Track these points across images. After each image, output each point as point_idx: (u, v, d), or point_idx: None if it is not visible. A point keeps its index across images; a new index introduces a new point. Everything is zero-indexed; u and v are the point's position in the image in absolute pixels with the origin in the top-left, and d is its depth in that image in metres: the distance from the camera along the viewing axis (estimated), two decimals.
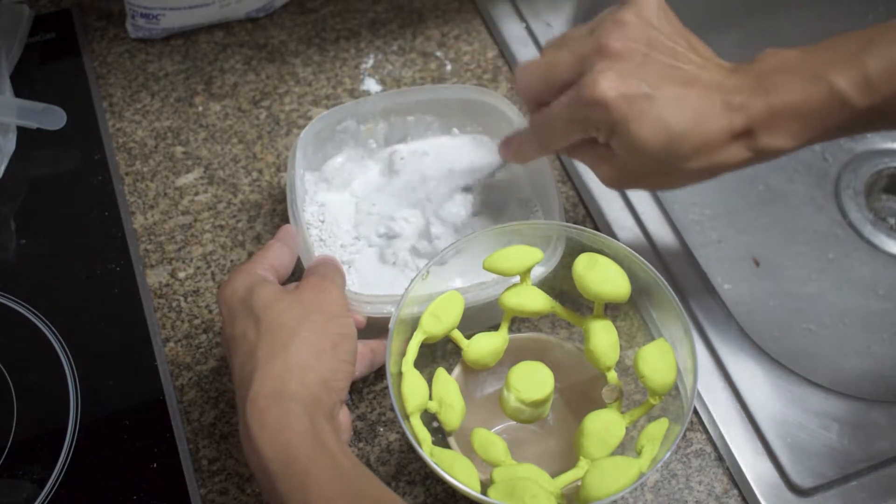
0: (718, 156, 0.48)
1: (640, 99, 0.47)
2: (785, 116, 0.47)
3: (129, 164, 0.67)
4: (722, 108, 0.47)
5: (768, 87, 0.47)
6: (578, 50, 0.49)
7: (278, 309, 0.47)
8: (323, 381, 0.45)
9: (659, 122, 0.47)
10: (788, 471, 0.54)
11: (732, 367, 0.58)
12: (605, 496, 0.45)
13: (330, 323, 0.47)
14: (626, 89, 0.47)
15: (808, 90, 0.47)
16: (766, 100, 0.47)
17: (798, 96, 0.47)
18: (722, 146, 0.48)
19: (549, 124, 0.51)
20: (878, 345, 0.72)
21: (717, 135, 0.47)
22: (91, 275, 0.61)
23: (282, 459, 0.42)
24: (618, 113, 0.47)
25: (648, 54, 0.48)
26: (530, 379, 0.49)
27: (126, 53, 0.74)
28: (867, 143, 0.83)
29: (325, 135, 0.61)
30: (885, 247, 0.77)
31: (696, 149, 0.47)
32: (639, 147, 0.48)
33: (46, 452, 0.54)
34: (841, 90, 0.47)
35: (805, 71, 0.47)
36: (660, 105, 0.47)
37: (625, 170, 0.50)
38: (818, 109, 0.47)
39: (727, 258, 0.76)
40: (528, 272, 0.52)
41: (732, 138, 0.48)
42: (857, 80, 0.46)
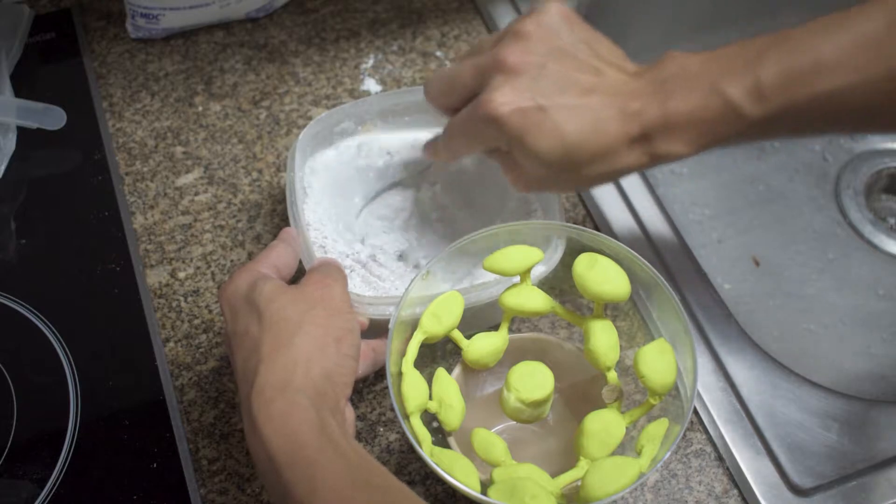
0: (617, 161, 0.49)
1: (534, 112, 0.48)
2: (680, 124, 0.48)
3: (129, 164, 0.67)
4: (618, 115, 0.48)
5: (665, 94, 0.48)
6: (480, 62, 0.51)
7: (281, 303, 0.47)
8: (327, 375, 0.45)
9: (554, 133, 0.48)
10: (788, 471, 0.54)
11: (732, 367, 0.58)
12: (605, 496, 0.45)
13: (334, 318, 0.47)
14: (520, 103, 0.48)
15: (703, 100, 0.48)
16: (662, 107, 0.48)
17: (692, 105, 0.48)
18: (619, 152, 0.49)
19: (454, 134, 0.54)
20: (878, 345, 0.72)
21: (613, 141, 0.49)
22: (91, 275, 0.61)
23: (288, 450, 0.42)
24: (512, 128, 0.49)
25: (545, 66, 0.49)
26: (530, 379, 0.49)
27: (126, 53, 0.74)
28: (867, 144, 0.83)
29: (324, 136, 0.61)
30: (885, 247, 0.77)
31: (593, 155, 0.49)
32: (537, 157, 0.49)
33: (46, 452, 0.54)
34: (733, 100, 0.47)
35: (701, 79, 0.48)
36: (554, 116, 0.48)
37: (530, 176, 0.52)
38: (712, 118, 0.48)
39: (727, 258, 0.76)
40: (528, 272, 0.52)
41: (629, 144, 0.49)
42: (750, 91, 0.47)
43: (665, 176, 0.80)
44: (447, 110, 0.55)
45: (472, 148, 0.54)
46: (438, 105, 0.55)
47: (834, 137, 0.83)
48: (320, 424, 0.43)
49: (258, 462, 0.43)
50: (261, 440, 0.42)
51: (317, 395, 0.44)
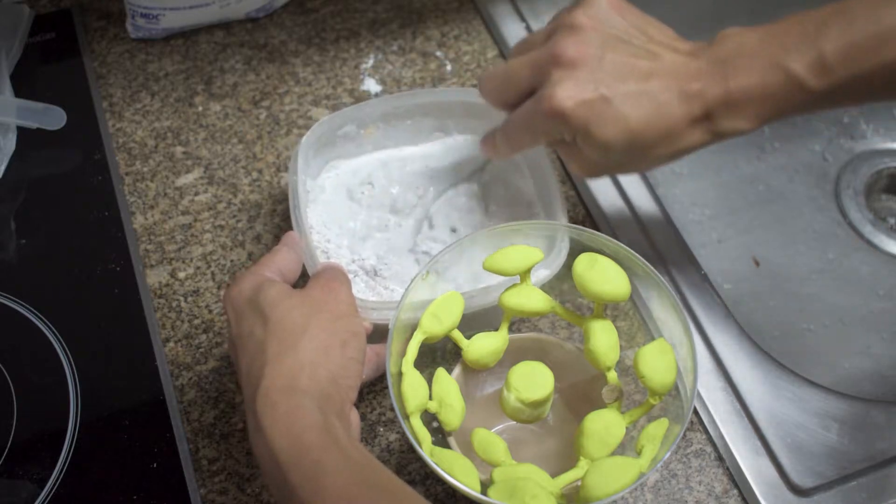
0: (681, 141, 0.50)
1: (597, 102, 0.49)
2: (743, 101, 0.49)
3: (129, 164, 0.67)
4: (679, 97, 0.49)
5: (726, 72, 0.49)
6: (535, 57, 0.51)
7: (286, 307, 0.47)
8: (332, 378, 0.45)
9: (619, 121, 0.49)
10: (788, 471, 0.54)
11: (732, 367, 0.58)
12: (605, 496, 0.45)
13: (339, 321, 0.48)
14: (583, 96, 0.49)
15: (765, 75, 0.48)
16: (723, 85, 0.49)
17: (755, 81, 0.48)
18: (683, 132, 0.50)
19: (516, 130, 0.54)
20: (878, 345, 0.72)
21: (677, 123, 0.49)
22: (91, 275, 0.61)
23: (293, 450, 0.42)
24: (577, 121, 0.49)
25: (602, 56, 0.50)
26: (530, 379, 0.49)
27: (126, 53, 0.74)
28: (867, 143, 0.83)
29: (326, 139, 0.61)
30: (885, 247, 0.77)
31: (658, 138, 0.50)
32: (603, 146, 0.50)
33: (46, 452, 0.54)
34: (797, 74, 0.48)
35: (762, 55, 0.49)
36: (617, 105, 0.49)
37: (596, 163, 0.52)
38: (775, 93, 0.49)
39: (727, 258, 0.76)
40: (528, 272, 0.52)
41: (692, 123, 0.50)
42: (813, 64, 0.48)
43: (665, 176, 0.80)
44: (504, 107, 0.55)
45: (536, 142, 0.54)
46: (494, 102, 0.55)
47: (834, 137, 0.83)
48: (325, 427, 0.43)
49: (262, 464, 0.43)
50: (266, 442, 0.42)
51: (322, 397, 0.44)
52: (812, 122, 0.83)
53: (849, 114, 0.83)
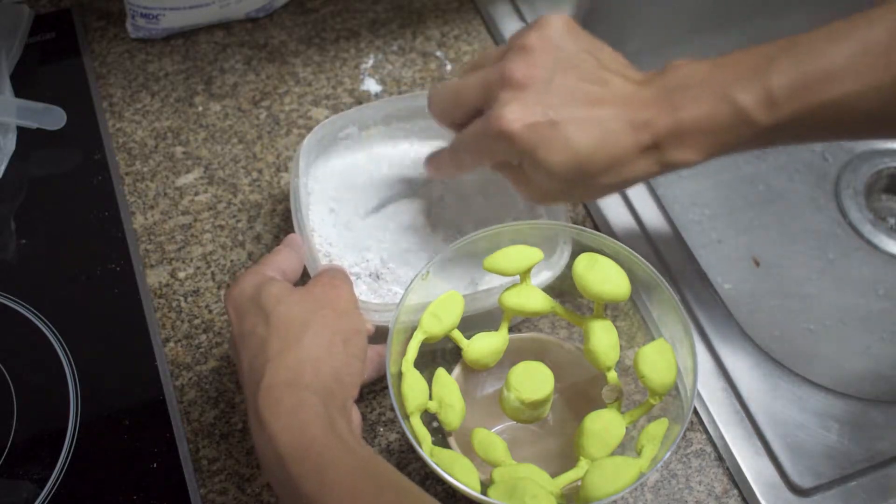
0: (627, 171, 0.49)
1: (545, 126, 0.48)
2: (691, 133, 0.48)
3: (129, 164, 0.67)
4: (628, 126, 0.48)
5: (675, 103, 0.48)
6: (485, 77, 0.51)
7: (288, 304, 0.47)
8: (335, 375, 0.45)
9: (565, 146, 0.48)
10: (788, 471, 0.54)
11: (732, 367, 0.58)
12: (605, 496, 0.45)
13: (341, 318, 0.48)
14: (531, 119, 0.48)
15: (714, 108, 0.48)
16: (672, 116, 0.48)
17: (703, 113, 0.48)
18: (630, 162, 0.49)
19: (462, 150, 0.53)
20: (878, 345, 0.72)
21: (624, 152, 0.49)
22: (91, 275, 0.61)
23: (297, 446, 0.42)
24: (523, 143, 0.49)
25: (552, 79, 0.49)
26: (530, 379, 0.49)
27: (126, 53, 0.74)
28: (867, 143, 0.83)
29: (328, 141, 0.61)
30: (885, 247, 0.77)
31: (605, 166, 0.49)
32: (549, 171, 0.49)
33: (46, 452, 0.54)
34: (745, 107, 0.47)
35: (711, 86, 0.48)
36: (564, 129, 0.48)
37: (541, 189, 0.52)
38: (723, 126, 0.48)
39: (727, 258, 0.76)
40: (528, 272, 0.52)
41: (640, 153, 0.49)
42: (761, 98, 0.47)
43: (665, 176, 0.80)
44: (451, 125, 0.54)
45: (481, 163, 0.54)
46: (442, 120, 0.55)
47: None
48: (329, 422, 0.43)
49: (265, 459, 0.43)
50: (269, 437, 0.42)
51: (325, 393, 0.44)
52: None
53: None
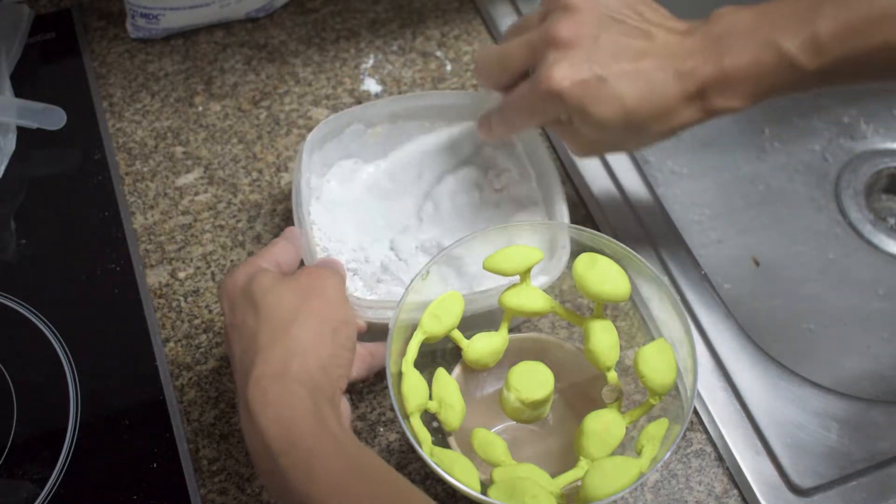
0: (675, 118, 0.51)
1: (593, 83, 0.49)
2: (736, 79, 0.49)
3: (129, 164, 0.67)
4: (674, 76, 0.49)
5: (720, 50, 0.49)
6: (531, 39, 0.52)
7: (277, 294, 0.47)
8: (323, 366, 0.45)
9: (615, 100, 0.50)
10: (788, 471, 0.54)
11: (732, 367, 0.58)
12: (605, 496, 0.45)
13: (329, 308, 0.48)
14: (579, 76, 0.49)
15: (759, 54, 0.49)
16: (717, 64, 0.49)
17: (749, 60, 0.49)
18: (677, 110, 0.50)
19: (512, 112, 0.54)
20: (878, 345, 0.72)
21: (671, 101, 0.50)
22: (91, 275, 0.61)
23: (285, 437, 0.42)
24: (574, 101, 0.50)
25: (598, 36, 0.50)
26: (530, 379, 0.49)
27: (126, 53, 0.74)
28: (867, 143, 0.83)
29: (332, 137, 0.61)
30: (885, 247, 0.77)
31: (653, 116, 0.50)
32: (600, 124, 0.50)
33: (46, 452, 0.54)
34: (790, 53, 0.48)
35: (756, 34, 0.49)
36: (613, 84, 0.49)
37: (592, 142, 0.53)
38: (768, 72, 0.49)
39: (727, 258, 0.76)
40: (528, 272, 0.52)
41: (686, 101, 0.50)
42: (807, 44, 0.48)
43: (665, 176, 0.80)
44: (498, 88, 0.55)
45: (533, 123, 0.55)
46: (490, 83, 0.56)
47: (834, 137, 0.83)
48: (317, 413, 0.43)
49: (253, 450, 0.43)
50: (257, 428, 0.42)
51: (313, 385, 0.44)
52: (812, 121, 0.83)
53: (849, 114, 0.83)
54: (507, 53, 0.54)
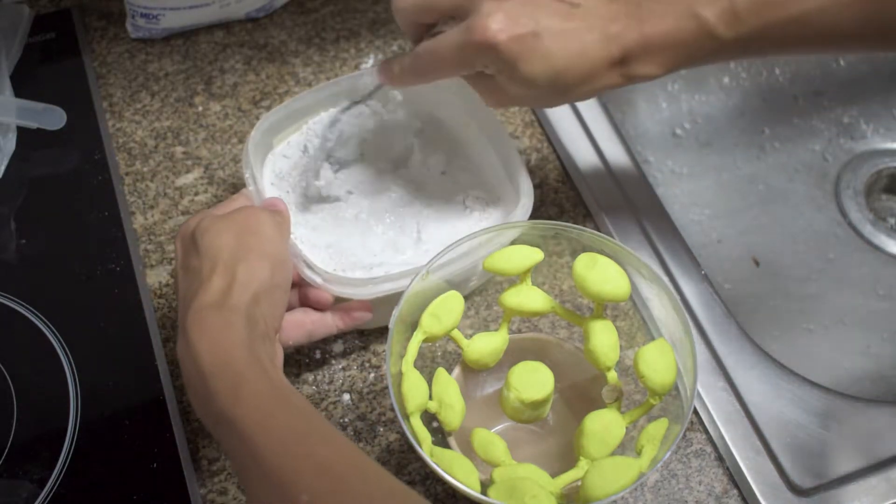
0: (598, 83, 0.51)
1: (529, 38, 0.49)
2: (656, 47, 0.50)
3: (129, 164, 0.67)
4: (601, 39, 0.50)
5: (641, 16, 0.50)
6: None
7: (215, 231, 0.49)
8: (258, 300, 0.47)
9: (546, 58, 0.49)
10: (788, 471, 0.54)
11: (732, 367, 0.58)
12: (605, 496, 0.45)
13: (266, 245, 0.49)
14: (515, 30, 0.49)
15: (678, 22, 0.50)
16: (639, 30, 0.50)
17: (669, 27, 0.50)
18: (601, 74, 0.51)
19: (435, 59, 0.52)
20: (878, 345, 0.72)
21: (597, 64, 0.50)
22: (91, 275, 0.61)
23: (216, 362, 0.43)
24: (508, 54, 0.49)
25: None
26: (530, 379, 0.49)
27: (126, 53, 0.74)
28: (867, 143, 0.83)
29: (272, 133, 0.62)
30: (885, 247, 0.77)
31: (580, 78, 0.51)
32: (526, 82, 0.50)
33: (46, 452, 0.54)
34: (708, 22, 0.49)
35: (677, 2, 0.50)
36: (546, 41, 0.49)
37: (513, 97, 0.53)
38: (687, 40, 0.50)
39: (727, 258, 0.76)
40: (528, 272, 0.52)
41: (610, 66, 0.50)
42: (725, 13, 0.49)
43: (665, 176, 0.80)
44: (415, 27, 0.54)
45: (454, 74, 0.53)
46: (409, 19, 0.54)
47: (834, 137, 0.83)
48: (250, 345, 0.44)
49: (187, 376, 0.45)
50: (192, 353, 0.44)
51: (248, 317, 0.46)
52: (812, 121, 0.83)
53: (849, 114, 0.83)
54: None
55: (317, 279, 0.53)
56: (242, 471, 0.43)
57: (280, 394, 0.43)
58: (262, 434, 0.41)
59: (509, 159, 0.60)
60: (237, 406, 0.42)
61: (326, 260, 0.58)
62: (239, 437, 0.41)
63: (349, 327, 0.55)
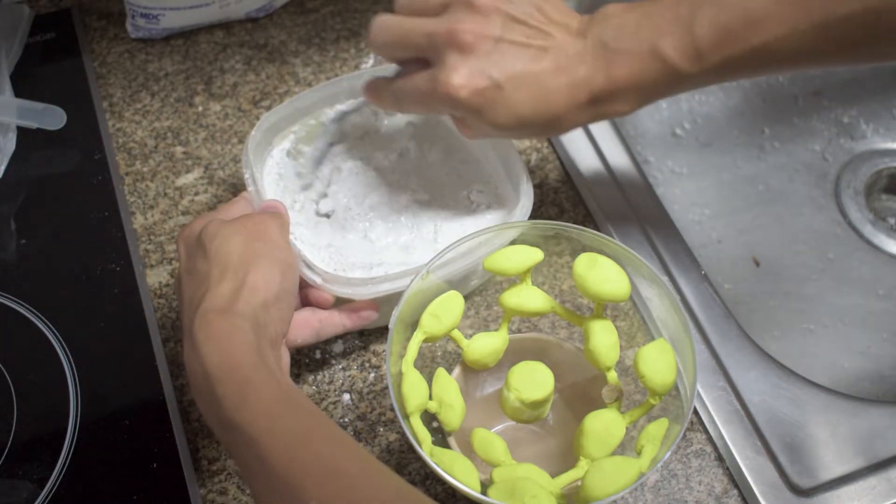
0: (565, 123, 0.53)
1: (490, 91, 0.51)
2: (624, 88, 0.51)
3: (129, 164, 0.67)
4: (567, 84, 0.51)
5: (608, 58, 0.51)
6: (433, 30, 0.52)
7: (223, 236, 0.48)
8: (267, 305, 0.47)
9: (509, 108, 0.51)
10: (788, 471, 0.54)
11: (732, 367, 0.58)
12: (605, 496, 0.45)
13: (275, 250, 0.49)
14: (476, 84, 0.50)
15: (644, 64, 0.51)
16: (606, 72, 0.51)
17: (635, 69, 0.51)
18: (567, 116, 0.52)
19: (407, 98, 0.54)
20: (878, 345, 0.72)
21: (562, 110, 0.52)
22: (91, 275, 0.61)
23: (224, 366, 0.43)
24: (469, 107, 0.51)
25: (500, 38, 0.51)
26: (530, 379, 0.49)
27: (126, 53, 0.74)
28: (867, 143, 0.83)
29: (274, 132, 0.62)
30: (885, 247, 0.77)
31: (546, 123, 0.52)
32: (494, 127, 0.52)
33: (46, 452, 0.54)
34: (673, 61, 0.51)
35: (640, 40, 0.51)
36: (509, 93, 0.51)
37: (485, 134, 0.54)
38: (653, 80, 0.51)
39: (727, 258, 0.76)
40: (528, 272, 0.52)
41: (577, 109, 0.52)
42: (687, 50, 0.50)
43: (665, 176, 0.80)
44: (392, 61, 0.56)
45: (424, 113, 0.58)
46: (382, 54, 0.56)
47: (834, 137, 0.83)
48: (257, 349, 0.44)
49: (194, 381, 0.45)
50: (199, 357, 0.44)
51: (256, 322, 0.46)
52: (812, 122, 0.83)
53: (849, 114, 0.83)
54: (407, 36, 0.53)
55: (316, 279, 0.53)
56: (250, 476, 0.42)
57: (287, 398, 0.43)
58: (268, 439, 0.41)
59: (509, 159, 0.60)
60: (244, 411, 0.42)
61: (326, 260, 0.58)
62: (246, 442, 0.41)
63: (357, 326, 0.55)
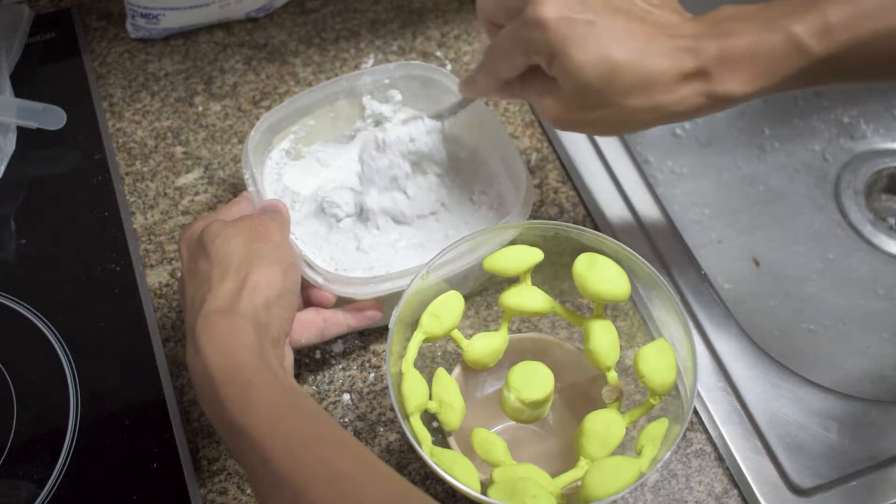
0: (665, 96, 0.47)
1: (582, 24, 0.46)
2: (739, 59, 0.46)
3: (129, 164, 0.67)
4: (671, 48, 0.46)
5: (723, 31, 0.47)
6: None
7: (224, 236, 0.49)
8: (269, 305, 0.47)
9: (599, 49, 0.46)
10: (788, 471, 0.54)
11: (732, 367, 0.58)
12: (605, 496, 0.45)
13: (276, 250, 0.49)
14: (568, 13, 0.46)
15: (764, 35, 0.46)
16: (719, 43, 0.46)
17: (753, 39, 0.46)
18: (668, 86, 0.47)
19: (495, 49, 0.51)
20: (878, 345, 0.72)
21: (662, 72, 0.46)
22: (91, 275, 0.61)
23: (227, 368, 0.43)
24: (556, 34, 0.46)
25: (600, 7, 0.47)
26: (530, 379, 0.49)
27: (126, 53, 0.74)
28: (867, 143, 0.83)
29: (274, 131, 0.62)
30: (885, 247, 0.77)
31: (638, 83, 0.46)
32: (577, 72, 0.46)
33: (46, 452, 0.54)
34: (798, 35, 0.46)
35: (762, 18, 0.47)
36: (602, 32, 0.46)
37: (568, 103, 0.49)
38: (774, 53, 0.46)
39: (727, 258, 0.76)
40: (528, 272, 0.52)
41: (681, 79, 0.47)
42: (816, 27, 0.46)
43: (665, 176, 0.80)
44: (491, 27, 0.52)
45: (514, 62, 0.50)
46: (486, 18, 0.52)
47: (834, 137, 0.83)
48: (259, 349, 0.44)
49: (196, 381, 0.45)
50: (201, 359, 0.44)
51: (258, 322, 0.46)
52: (812, 122, 0.83)
53: (849, 114, 0.83)
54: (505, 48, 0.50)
55: (318, 279, 0.53)
56: (255, 479, 0.42)
57: (290, 399, 0.43)
58: (272, 441, 0.41)
59: (509, 159, 0.60)
60: (247, 413, 0.42)
61: (327, 260, 0.58)
62: (249, 445, 0.41)
63: (361, 326, 0.55)
